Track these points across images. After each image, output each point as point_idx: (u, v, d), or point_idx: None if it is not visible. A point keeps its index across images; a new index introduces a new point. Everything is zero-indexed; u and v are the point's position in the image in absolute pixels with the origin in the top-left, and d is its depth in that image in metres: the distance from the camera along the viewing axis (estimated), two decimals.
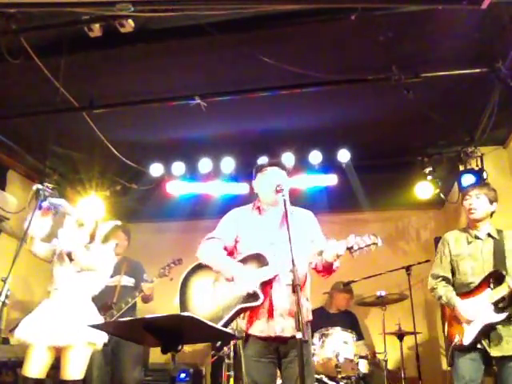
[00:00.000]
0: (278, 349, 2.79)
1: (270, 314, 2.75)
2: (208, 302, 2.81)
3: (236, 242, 2.98)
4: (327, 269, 2.82)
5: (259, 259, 2.78)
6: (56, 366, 3.46)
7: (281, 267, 2.69)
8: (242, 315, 2.81)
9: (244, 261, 2.84)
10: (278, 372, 2.90)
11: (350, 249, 2.61)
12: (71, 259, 3.51)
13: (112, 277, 4.44)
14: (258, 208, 3.06)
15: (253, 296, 2.69)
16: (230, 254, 2.97)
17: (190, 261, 2.96)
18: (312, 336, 3.73)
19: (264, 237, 2.88)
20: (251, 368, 2.81)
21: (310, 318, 2.92)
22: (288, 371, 2.76)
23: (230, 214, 3.11)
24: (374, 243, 2.60)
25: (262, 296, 2.68)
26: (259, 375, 2.78)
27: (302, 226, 2.91)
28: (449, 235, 3.49)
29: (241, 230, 2.98)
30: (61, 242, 3.51)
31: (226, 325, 2.72)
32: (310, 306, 2.96)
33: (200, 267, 2.95)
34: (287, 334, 2.72)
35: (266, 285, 2.74)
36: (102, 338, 3.46)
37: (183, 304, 2.86)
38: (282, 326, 2.73)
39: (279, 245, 2.77)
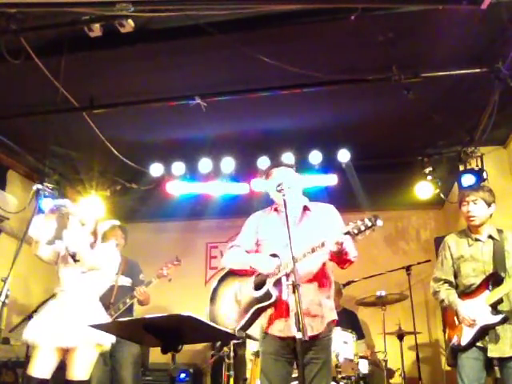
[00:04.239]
0: (295, 349, 2.78)
1: (287, 314, 2.73)
2: (233, 308, 2.84)
3: (258, 245, 2.99)
4: (339, 258, 2.75)
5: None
6: (59, 367, 3.46)
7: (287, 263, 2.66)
8: (263, 314, 2.82)
9: None
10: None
11: (349, 233, 2.57)
12: (76, 260, 3.50)
13: None
14: (276, 209, 3.04)
15: (267, 295, 2.70)
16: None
17: (190, 261, 2.97)
18: None
19: (281, 237, 2.81)
20: (268, 365, 2.81)
21: (335, 317, 2.86)
22: (305, 372, 2.74)
23: (249, 220, 3.11)
24: (373, 224, 2.56)
25: (274, 294, 2.68)
26: (275, 374, 2.77)
27: (321, 221, 2.86)
28: (449, 239, 3.46)
29: (260, 234, 2.98)
30: (66, 243, 3.50)
31: (245, 326, 2.75)
32: (333, 304, 2.91)
33: (226, 277, 3.00)
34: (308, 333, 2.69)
35: (281, 284, 2.71)
36: (110, 338, 3.45)
37: (212, 314, 2.91)
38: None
39: (295, 245, 2.73)
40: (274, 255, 2.78)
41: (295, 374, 3.26)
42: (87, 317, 3.37)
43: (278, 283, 2.72)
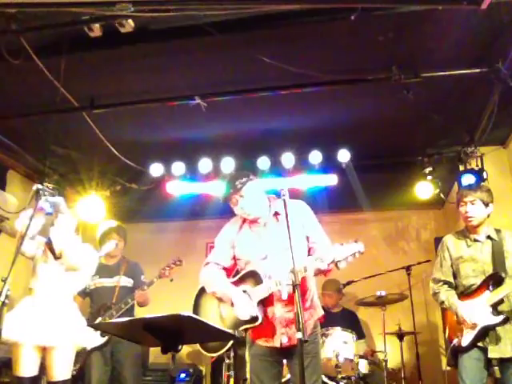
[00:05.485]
0: (281, 350, 2.81)
1: (274, 329, 2.77)
2: (216, 322, 2.85)
3: (235, 259, 3.00)
4: (320, 273, 2.79)
5: (254, 277, 2.79)
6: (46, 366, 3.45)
7: (275, 282, 2.68)
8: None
9: (241, 280, 2.87)
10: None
11: (332, 262, 2.57)
12: (57, 258, 3.48)
13: (111, 277, 4.46)
14: (244, 220, 3.03)
15: (253, 318, 2.72)
16: (233, 267, 3.01)
17: (190, 261, 2.98)
18: None
19: (256, 251, 2.86)
20: (258, 366, 2.85)
21: (321, 313, 2.93)
22: (295, 368, 2.76)
23: (222, 234, 3.10)
24: (358, 251, 2.56)
25: (260, 317, 2.71)
26: (265, 374, 2.82)
27: (294, 221, 2.76)
28: (448, 239, 3.45)
29: (237, 250, 2.98)
30: (53, 240, 3.49)
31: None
32: (317, 300, 2.97)
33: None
34: (294, 342, 2.67)
35: (266, 300, 2.75)
36: (87, 339, 3.44)
37: None
38: (288, 336, 2.75)
39: (271, 257, 2.79)
40: (254, 273, 2.78)
41: (286, 378, 3.28)
42: (65, 316, 3.36)
43: (262, 302, 2.74)
